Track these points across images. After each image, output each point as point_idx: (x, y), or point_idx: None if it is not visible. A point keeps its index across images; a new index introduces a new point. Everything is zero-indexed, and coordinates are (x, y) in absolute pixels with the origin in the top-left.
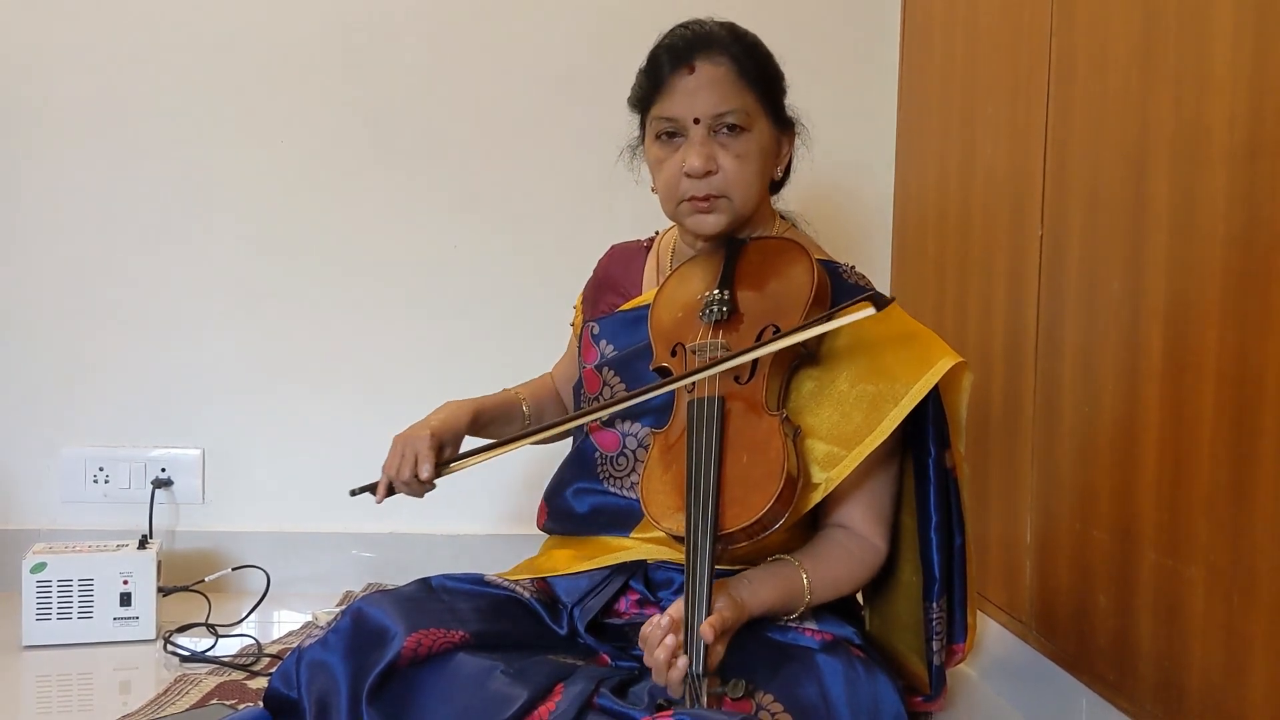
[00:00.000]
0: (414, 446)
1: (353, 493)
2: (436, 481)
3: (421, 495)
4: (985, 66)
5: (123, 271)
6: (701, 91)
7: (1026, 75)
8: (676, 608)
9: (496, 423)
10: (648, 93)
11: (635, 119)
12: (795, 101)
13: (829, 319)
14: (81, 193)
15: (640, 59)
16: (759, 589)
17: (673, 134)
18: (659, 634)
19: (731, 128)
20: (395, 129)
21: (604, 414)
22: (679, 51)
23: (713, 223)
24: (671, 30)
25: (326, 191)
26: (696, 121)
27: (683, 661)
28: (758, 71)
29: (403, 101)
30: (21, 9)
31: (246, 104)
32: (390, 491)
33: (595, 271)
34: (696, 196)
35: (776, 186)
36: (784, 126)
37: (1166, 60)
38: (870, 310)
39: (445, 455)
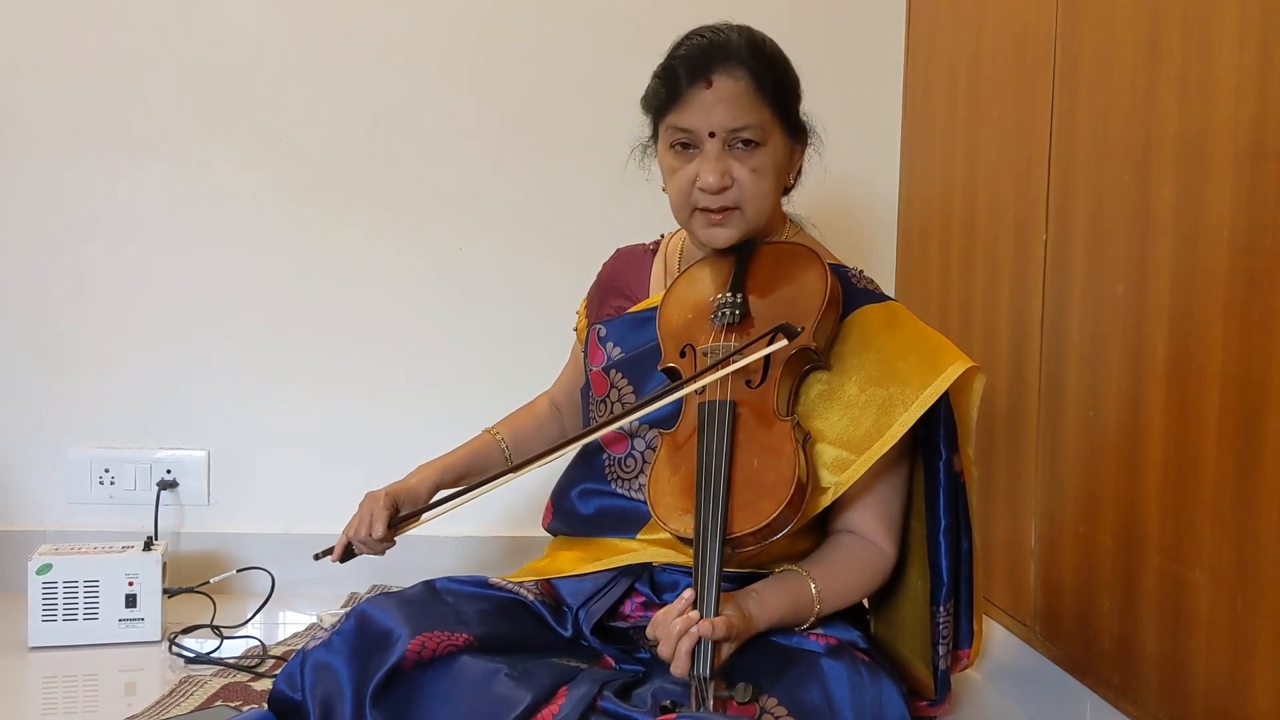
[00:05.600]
0: (369, 507)
1: (316, 557)
2: (396, 539)
3: (382, 553)
4: (990, 69)
5: (128, 272)
6: (719, 105)
7: (1031, 78)
8: (689, 590)
9: (469, 476)
10: (663, 101)
11: (645, 119)
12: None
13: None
14: (86, 194)
15: (651, 61)
16: (768, 602)
17: (687, 145)
18: (679, 605)
19: (747, 142)
20: (400, 130)
21: (601, 433)
22: (697, 63)
23: (725, 236)
24: (689, 36)
25: (332, 193)
26: (712, 135)
27: (694, 630)
28: (775, 85)
29: (410, 102)
30: (23, 10)
31: (252, 105)
32: (350, 553)
33: (600, 275)
34: (710, 209)
35: (787, 191)
36: (798, 136)
37: (1172, 64)
38: (784, 341)
39: (400, 515)
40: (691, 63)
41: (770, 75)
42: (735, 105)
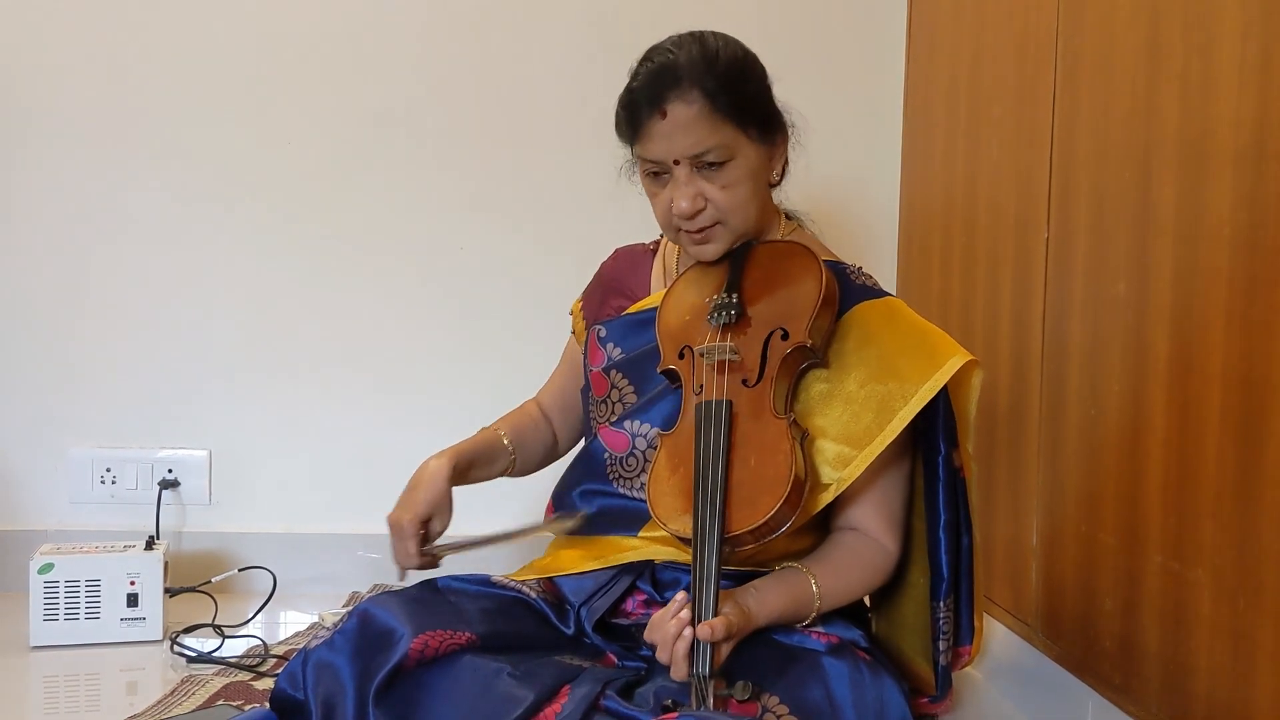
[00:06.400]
0: (400, 536)
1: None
2: (441, 561)
3: (437, 566)
4: (990, 69)
5: (130, 272)
6: (677, 134)
7: (1032, 78)
8: (682, 593)
9: (479, 466)
10: (627, 133)
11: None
12: (800, 103)
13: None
14: (88, 194)
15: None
16: (767, 598)
17: (657, 172)
18: (674, 608)
19: (713, 163)
20: (402, 130)
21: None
22: (650, 93)
23: (712, 251)
24: (644, 61)
25: (334, 193)
26: (677, 163)
27: (689, 631)
28: (732, 101)
29: (410, 102)
30: (26, 9)
31: (254, 105)
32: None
33: (599, 274)
34: (691, 230)
35: (774, 185)
36: (773, 134)
37: (1173, 63)
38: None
39: (435, 529)
40: (645, 93)
41: (726, 93)
42: (692, 131)
